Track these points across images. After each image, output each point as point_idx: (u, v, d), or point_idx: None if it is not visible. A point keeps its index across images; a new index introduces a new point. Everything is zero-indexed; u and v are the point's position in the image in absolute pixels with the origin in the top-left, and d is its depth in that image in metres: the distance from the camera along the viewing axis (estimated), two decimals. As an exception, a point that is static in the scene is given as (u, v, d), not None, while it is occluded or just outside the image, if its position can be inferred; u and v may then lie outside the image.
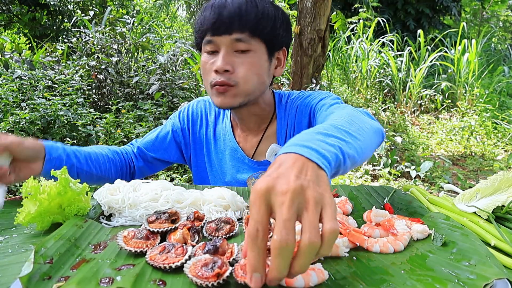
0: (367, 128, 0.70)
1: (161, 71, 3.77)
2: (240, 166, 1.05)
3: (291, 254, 0.41)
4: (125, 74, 4.06)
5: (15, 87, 3.31)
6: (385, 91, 6.15)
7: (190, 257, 0.52)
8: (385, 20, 6.76)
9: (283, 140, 1.04)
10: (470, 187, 0.75)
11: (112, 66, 3.87)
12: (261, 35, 0.91)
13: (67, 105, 3.17)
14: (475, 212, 0.69)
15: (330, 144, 0.53)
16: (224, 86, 0.90)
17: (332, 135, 0.57)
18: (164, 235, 0.61)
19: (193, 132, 1.13)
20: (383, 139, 0.81)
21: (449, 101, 6.00)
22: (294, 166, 0.46)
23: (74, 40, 4.47)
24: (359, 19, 6.38)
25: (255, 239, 0.41)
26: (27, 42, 6.28)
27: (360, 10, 6.37)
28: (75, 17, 5.66)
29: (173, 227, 0.61)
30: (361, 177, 3.46)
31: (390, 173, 3.53)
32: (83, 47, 4.20)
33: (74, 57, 4.24)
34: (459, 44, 6.19)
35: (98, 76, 3.73)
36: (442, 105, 5.99)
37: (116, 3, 6.43)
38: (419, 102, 5.97)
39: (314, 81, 4.04)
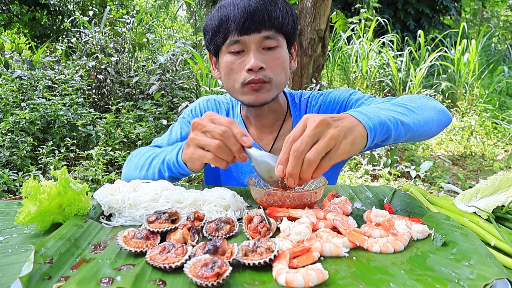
0: (429, 106, 0.83)
1: (161, 71, 3.77)
2: None
3: (300, 159, 0.61)
4: (125, 74, 4.06)
5: (15, 87, 3.31)
6: (385, 91, 6.15)
7: (190, 257, 0.52)
8: (385, 20, 6.76)
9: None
10: (470, 187, 0.75)
11: (112, 66, 3.87)
12: (284, 31, 0.93)
13: (67, 105, 3.17)
14: (475, 212, 0.69)
15: (381, 109, 0.70)
16: (259, 83, 0.92)
17: (387, 108, 0.73)
18: (164, 235, 0.61)
19: None
20: (450, 120, 0.90)
21: (449, 101, 5.99)
22: (337, 115, 0.62)
23: (74, 40, 4.46)
24: (359, 19, 6.38)
25: (297, 152, 0.60)
26: (26, 42, 6.28)
27: (361, 10, 6.36)
28: (73, 17, 5.66)
29: (173, 227, 0.61)
30: (361, 177, 3.46)
31: (390, 173, 3.53)
32: (83, 47, 4.20)
33: (74, 57, 4.24)
34: (459, 44, 6.19)
35: (98, 76, 3.73)
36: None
37: (116, 3, 6.42)
38: (419, 102, 5.95)
39: (314, 81, 4.04)
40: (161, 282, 0.47)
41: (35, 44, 5.84)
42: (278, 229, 0.65)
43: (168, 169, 0.85)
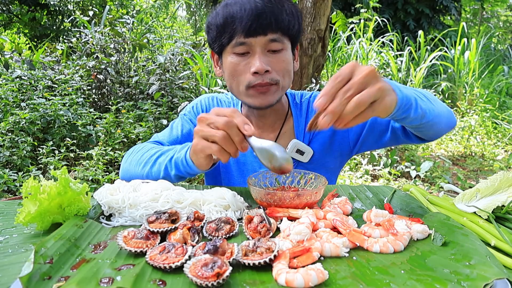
0: (441, 103, 0.87)
1: (161, 71, 3.77)
2: (259, 161, 1.05)
3: (347, 100, 0.61)
4: (125, 74, 4.06)
5: (15, 87, 3.31)
6: (385, 91, 6.13)
7: (190, 257, 0.52)
8: (385, 20, 6.76)
9: (302, 136, 1.06)
10: (470, 187, 0.75)
11: (112, 66, 3.87)
12: (290, 34, 0.93)
13: (67, 105, 3.17)
14: (475, 212, 0.69)
15: (405, 87, 0.74)
16: (266, 86, 0.92)
17: (409, 88, 0.77)
18: (164, 235, 0.61)
19: None
20: (455, 123, 0.92)
21: (449, 101, 5.99)
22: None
23: (74, 40, 4.46)
24: (359, 19, 6.38)
25: (347, 92, 0.60)
26: (26, 42, 6.28)
27: (361, 10, 6.36)
28: (73, 17, 5.66)
29: (173, 227, 0.61)
30: (361, 177, 3.46)
31: (390, 173, 3.53)
32: (82, 47, 4.20)
33: (74, 57, 4.24)
34: (459, 44, 6.19)
35: (98, 76, 3.73)
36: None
37: (116, 3, 6.42)
38: (419, 102, 5.95)
39: (314, 81, 4.04)
40: (161, 282, 0.47)
41: (35, 44, 5.84)
42: (278, 229, 0.65)
43: (176, 168, 0.84)
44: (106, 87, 3.92)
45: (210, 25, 0.95)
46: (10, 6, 6.43)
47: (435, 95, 5.93)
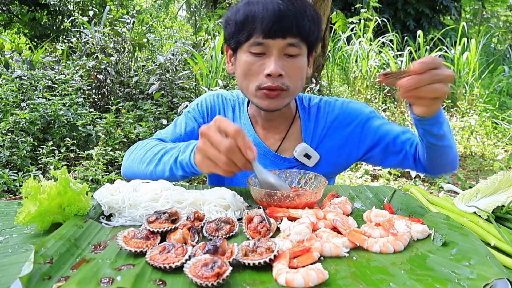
0: (455, 142, 0.93)
1: (161, 71, 3.77)
2: (265, 161, 1.06)
3: (428, 81, 0.70)
4: (125, 74, 4.06)
5: (15, 87, 3.31)
6: (385, 91, 6.15)
7: (190, 257, 0.52)
8: (385, 20, 6.76)
9: (310, 140, 1.06)
10: (470, 187, 0.75)
11: (112, 66, 3.87)
12: (309, 40, 0.92)
13: (67, 105, 3.17)
14: (475, 212, 0.69)
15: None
16: (277, 91, 0.91)
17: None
18: (164, 235, 0.61)
19: None
20: (457, 167, 0.98)
21: (449, 101, 5.99)
22: None
23: (74, 40, 4.46)
24: (359, 19, 6.38)
25: (433, 73, 0.69)
26: (26, 42, 6.28)
27: (361, 10, 6.36)
28: (73, 18, 5.66)
29: (173, 227, 0.61)
30: (361, 177, 3.46)
31: (390, 173, 3.53)
32: (82, 47, 4.20)
33: (74, 57, 4.24)
34: (459, 44, 6.19)
35: (98, 76, 3.73)
36: (442, 105, 5.99)
37: (116, 3, 6.42)
38: (419, 102, 5.95)
39: (314, 81, 4.04)
40: (161, 282, 0.47)
41: (35, 44, 5.84)
42: (278, 229, 0.65)
43: (182, 169, 0.84)
44: (106, 87, 3.92)
45: (229, 20, 0.94)
46: (10, 6, 6.43)
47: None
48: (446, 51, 6.49)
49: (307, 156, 1.02)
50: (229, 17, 0.94)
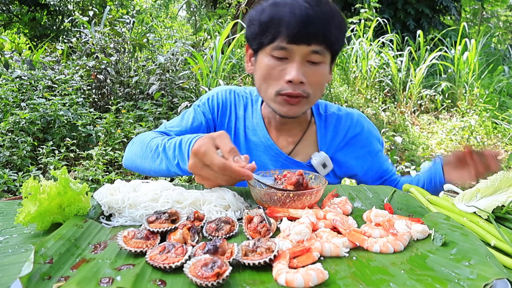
0: None
1: (161, 71, 3.76)
2: (276, 163, 1.05)
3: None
4: (125, 74, 4.06)
5: (15, 87, 3.31)
6: (385, 91, 6.15)
7: (190, 257, 0.52)
8: (385, 20, 6.76)
9: (326, 149, 1.06)
10: (470, 187, 0.75)
11: (112, 66, 3.87)
12: (333, 48, 0.90)
13: (67, 105, 3.17)
14: (475, 212, 0.69)
15: None
16: (298, 98, 0.90)
17: None
18: (164, 235, 0.61)
19: (220, 123, 1.08)
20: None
21: (449, 101, 5.99)
22: None
23: (74, 40, 4.46)
24: (359, 19, 6.38)
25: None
26: (26, 42, 6.28)
27: (361, 10, 6.36)
28: (72, 17, 5.66)
29: (173, 227, 0.61)
30: (361, 177, 3.45)
31: (390, 173, 3.53)
32: (82, 47, 4.20)
33: (74, 57, 4.24)
34: (459, 44, 6.19)
35: (98, 76, 3.73)
36: (442, 105, 6.00)
37: (116, 3, 6.42)
38: (419, 102, 5.97)
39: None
40: (161, 282, 0.47)
41: (35, 44, 5.84)
42: (278, 229, 0.65)
43: (182, 172, 0.85)
44: (106, 87, 3.92)
45: (253, 20, 0.91)
46: (10, 6, 6.43)
47: (435, 95, 5.94)
48: (446, 51, 6.49)
49: (324, 165, 1.02)
50: (253, 16, 0.91)
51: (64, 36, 5.93)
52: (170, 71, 3.84)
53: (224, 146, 0.73)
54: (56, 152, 2.70)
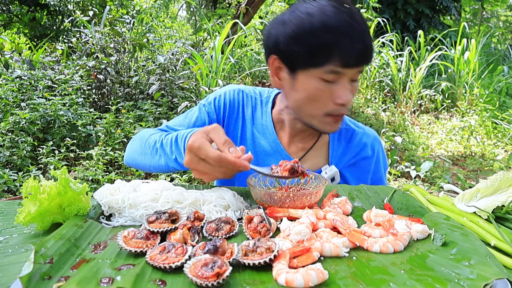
0: None
1: (161, 71, 3.77)
2: None
3: None
4: (125, 74, 4.06)
5: (15, 87, 3.31)
6: (385, 91, 6.15)
7: (190, 257, 0.52)
8: (385, 20, 6.76)
9: (335, 162, 1.05)
10: (470, 187, 0.75)
11: (112, 66, 3.87)
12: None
13: (67, 105, 3.17)
14: (475, 212, 0.69)
15: None
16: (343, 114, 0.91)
17: None
18: (164, 235, 0.61)
19: (227, 124, 1.06)
20: None
21: (449, 101, 6.00)
22: None
23: (74, 40, 4.46)
24: (359, 19, 6.37)
25: None
26: (26, 42, 6.28)
27: (361, 10, 6.36)
28: (72, 17, 5.66)
29: (173, 227, 0.61)
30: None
31: (390, 173, 3.53)
32: (82, 47, 4.20)
33: (74, 57, 4.24)
34: (459, 44, 6.19)
35: (98, 76, 3.73)
36: (442, 105, 6.00)
37: (116, 3, 6.42)
38: (419, 102, 5.97)
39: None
40: (161, 282, 0.47)
41: (35, 44, 5.84)
42: (278, 229, 0.65)
43: (180, 167, 0.85)
44: (106, 87, 3.92)
45: (299, 40, 0.84)
46: (10, 6, 6.43)
47: (435, 95, 5.94)
48: (446, 51, 6.49)
49: (333, 179, 1.02)
50: (299, 36, 0.84)
51: (64, 36, 5.93)
52: (170, 71, 3.84)
53: (218, 139, 0.72)
54: (56, 152, 2.70)
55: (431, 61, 6.00)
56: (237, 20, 4.72)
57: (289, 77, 0.92)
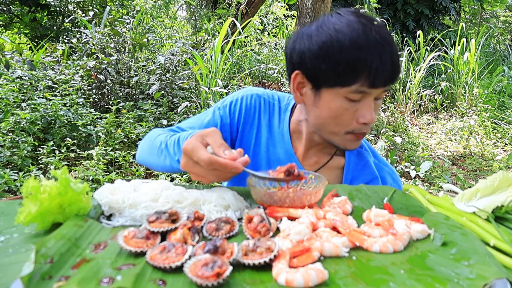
0: None
1: (161, 71, 3.77)
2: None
3: None
4: (125, 74, 4.06)
5: (15, 87, 3.31)
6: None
7: (190, 257, 0.52)
8: (384, 21, 6.76)
9: (349, 180, 1.02)
10: (470, 187, 0.75)
11: (112, 66, 3.87)
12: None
13: (68, 105, 3.17)
14: (474, 212, 0.69)
15: None
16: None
17: None
18: (164, 235, 0.61)
19: (242, 129, 1.03)
20: None
21: (449, 101, 6.00)
22: None
23: (74, 40, 4.47)
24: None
25: None
26: (27, 43, 6.29)
27: (361, 10, 6.37)
28: (72, 17, 5.66)
29: (173, 227, 0.61)
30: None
31: (390, 173, 3.53)
32: (83, 47, 4.20)
33: (74, 57, 4.24)
34: (458, 44, 6.20)
35: (98, 76, 3.73)
36: (442, 105, 6.00)
37: (116, 3, 6.42)
38: (418, 102, 5.97)
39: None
40: (161, 282, 0.48)
41: (35, 44, 5.84)
42: (278, 229, 0.65)
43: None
44: (107, 87, 3.93)
45: (327, 56, 0.81)
46: (11, 6, 6.43)
47: (434, 95, 5.94)
48: (445, 51, 6.49)
49: None
50: (328, 52, 0.81)
51: (65, 37, 5.93)
52: (170, 71, 3.84)
53: (214, 142, 0.72)
54: (57, 152, 2.70)
55: (430, 61, 6.00)
56: (233, 19, 4.72)
57: (312, 93, 0.89)
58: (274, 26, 7.24)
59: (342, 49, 0.80)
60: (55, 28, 6.29)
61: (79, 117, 3.14)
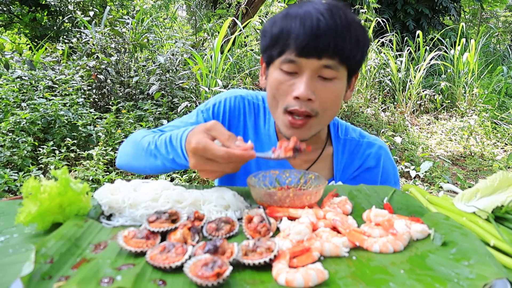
0: None
1: (161, 71, 3.77)
2: None
3: None
4: (125, 74, 4.06)
5: (15, 87, 3.31)
6: (385, 91, 6.15)
7: (190, 257, 0.52)
8: (384, 21, 6.76)
9: (339, 175, 1.01)
10: (470, 187, 0.75)
11: (112, 66, 3.87)
12: (349, 63, 0.83)
13: (68, 105, 3.17)
14: (474, 212, 0.69)
15: None
16: (302, 120, 0.84)
17: None
18: (164, 235, 0.61)
19: None
20: None
21: (449, 101, 6.00)
22: None
23: (74, 40, 4.47)
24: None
25: None
26: (27, 43, 6.29)
27: (361, 10, 6.37)
28: (70, 15, 5.66)
29: (173, 227, 0.61)
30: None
31: (390, 173, 3.53)
32: (83, 47, 4.20)
33: (74, 58, 4.24)
34: (458, 44, 6.20)
35: (98, 76, 3.73)
36: (442, 105, 6.00)
37: (116, 3, 6.42)
38: (418, 102, 5.97)
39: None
40: (161, 282, 0.48)
41: (35, 44, 5.84)
42: (278, 229, 0.65)
43: (180, 167, 0.84)
44: (107, 87, 3.93)
45: (265, 32, 0.86)
46: (11, 6, 6.43)
47: (434, 95, 5.94)
48: (445, 51, 6.49)
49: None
50: (266, 29, 0.86)
51: (65, 37, 5.93)
52: (170, 71, 3.84)
53: (221, 135, 0.71)
54: (57, 152, 2.70)
55: (430, 61, 6.00)
56: (234, 18, 4.72)
57: (267, 74, 0.90)
58: (274, 26, 7.21)
59: (274, 23, 0.83)
60: (55, 28, 6.29)
61: (79, 117, 3.14)
